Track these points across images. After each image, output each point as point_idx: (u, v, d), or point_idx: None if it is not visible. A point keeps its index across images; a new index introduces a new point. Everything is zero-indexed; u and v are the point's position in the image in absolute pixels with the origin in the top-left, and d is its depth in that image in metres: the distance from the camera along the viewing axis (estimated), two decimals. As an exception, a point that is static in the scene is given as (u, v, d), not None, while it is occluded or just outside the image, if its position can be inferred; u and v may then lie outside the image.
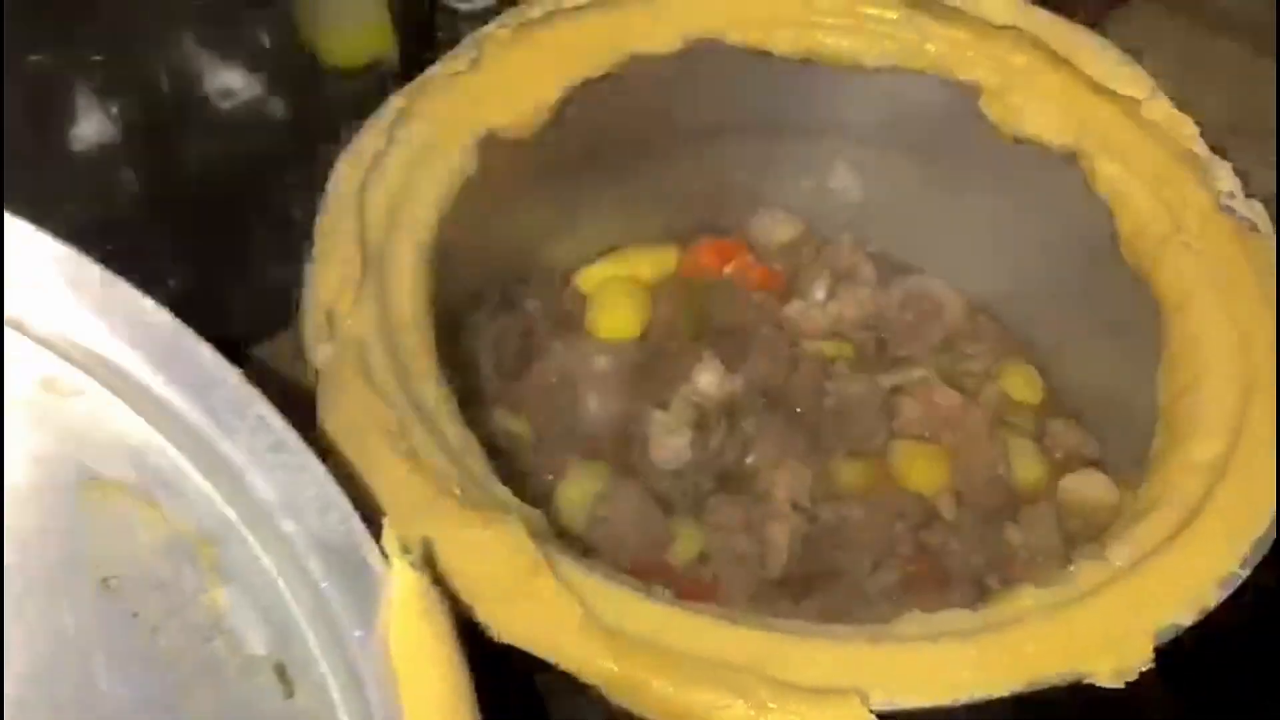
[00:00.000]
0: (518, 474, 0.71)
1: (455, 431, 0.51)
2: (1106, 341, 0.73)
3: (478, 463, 0.50)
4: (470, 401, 0.74)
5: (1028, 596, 0.48)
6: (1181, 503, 0.51)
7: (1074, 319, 0.76)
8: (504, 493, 0.49)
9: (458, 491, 0.46)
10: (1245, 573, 0.46)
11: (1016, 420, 0.76)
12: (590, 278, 0.85)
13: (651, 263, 0.85)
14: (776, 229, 0.85)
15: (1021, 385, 0.78)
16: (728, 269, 0.82)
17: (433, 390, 0.52)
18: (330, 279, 0.54)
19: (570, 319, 0.81)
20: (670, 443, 0.69)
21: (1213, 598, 0.46)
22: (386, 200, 0.60)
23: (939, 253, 0.83)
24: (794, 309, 0.80)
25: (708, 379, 0.69)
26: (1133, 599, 0.46)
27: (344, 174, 0.60)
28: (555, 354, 0.76)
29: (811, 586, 0.66)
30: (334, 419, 0.49)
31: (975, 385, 0.77)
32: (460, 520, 0.44)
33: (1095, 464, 0.74)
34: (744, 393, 0.71)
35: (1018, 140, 0.70)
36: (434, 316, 0.65)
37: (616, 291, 0.81)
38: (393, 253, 0.58)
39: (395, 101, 0.64)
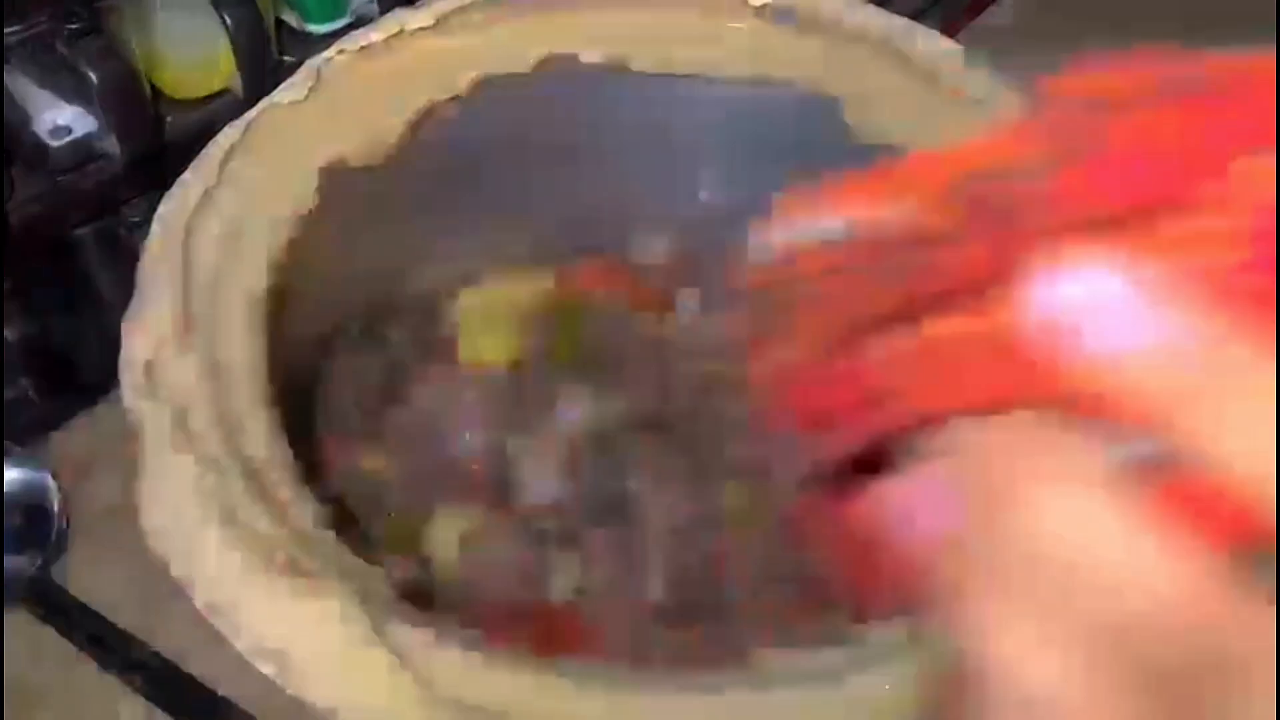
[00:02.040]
0: (383, 517, 0.68)
1: (289, 491, 0.48)
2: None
3: (312, 523, 0.47)
4: (330, 443, 0.72)
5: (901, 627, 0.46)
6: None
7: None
8: (342, 555, 0.46)
9: (283, 559, 0.42)
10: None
11: (897, 431, 0.75)
12: (459, 303, 0.82)
13: (526, 286, 0.83)
14: (651, 247, 0.83)
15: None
16: (603, 290, 0.79)
17: (265, 447, 0.49)
18: (149, 330, 0.50)
19: (440, 348, 0.78)
20: (541, 476, 0.66)
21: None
22: (217, 241, 0.56)
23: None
24: (671, 329, 0.78)
25: (575, 408, 0.67)
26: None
27: (169, 214, 0.56)
28: (423, 387, 0.73)
29: (693, 615, 0.65)
30: (151, 484, 0.45)
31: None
32: (285, 591, 0.41)
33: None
34: (619, 419, 0.69)
35: (886, 149, 0.69)
36: (279, 360, 0.62)
37: (489, 317, 0.78)
38: (224, 297, 0.54)
39: (227, 135, 0.61)
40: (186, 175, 0.58)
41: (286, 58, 0.79)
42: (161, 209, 0.56)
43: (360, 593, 0.43)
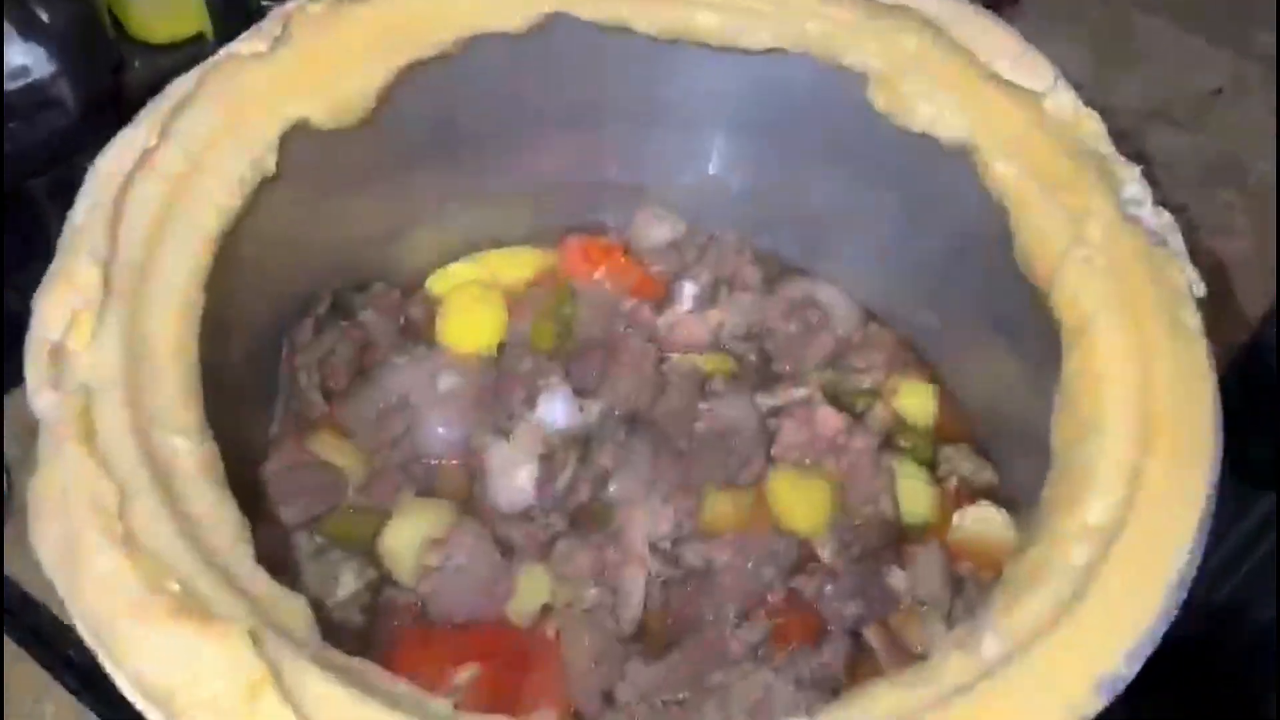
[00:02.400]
0: (342, 513, 0.63)
1: (207, 499, 0.42)
2: (1007, 355, 0.66)
3: (231, 540, 0.41)
4: (287, 430, 0.67)
5: (884, 696, 0.40)
6: (1066, 576, 0.43)
7: (973, 329, 0.68)
8: (256, 579, 0.40)
9: (176, 587, 0.37)
10: (1130, 673, 0.39)
11: (908, 444, 0.68)
12: (443, 281, 0.75)
13: (514, 265, 0.76)
14: (655, 227, 0.76)
15: (915, 404, 0.70)
16: (598, 273, 0.73)
17: (186, 447, 0.43)
18: (61, 305, 0.45)
19: (416, 330, 0.72)
20: (512, 479, 0.60)
21: (1091, 705, 0.38)
22: (154, 206, 0.50)
23: (829, 253, 0.75)
24: (668, 318, 0.72)
25: (554, 407, 0.61)
26: (1001, 704, 0.39)
27: (102, 174, 0.50)
28: (395, 370, 0.67)
29: (668, 643, 0.59)
30: (42, 488, 0.40)
31: (865, 404, 0.70)
32: (170, 626, 0.36)
33: (992, 493, 0.67)
34: (602, 419, 0.63)
35: (908, 131, 0.62)
36: (226, 342, 0.57)
37: (472, 297, 0.72)
38: (156, 271, 0.49)
39: (178, 86, 0.55)
40: (127, 130, 0.52)
41: (268, 3, 0.73)
42: (95, 166, 0.51)
43: (267, 628, 0.37)
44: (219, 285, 0.54)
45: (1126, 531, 0.44)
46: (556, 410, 0.61)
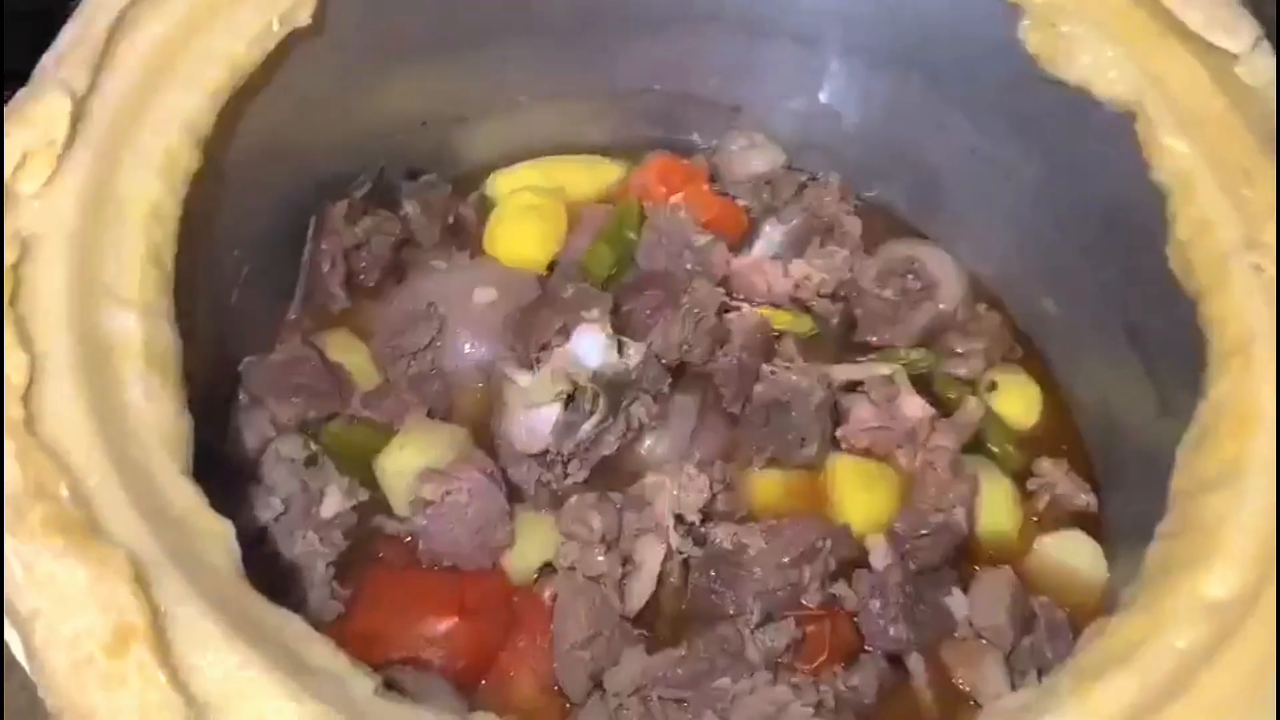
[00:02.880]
0: (343, 423, 0.56)
1: (147, 388, 0.36)
2: (1134, 367, 0.56)
3: (159, 438, 0.35)
4: (302, 323, 0.60)
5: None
6: (1165, 660, 0.34)
7: (1098, 328, 0.58)
8: (178, 490, 0.34)
9: (64, 493, 0.30)
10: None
11: (998, 449, 0.59)
12: (503, 182, 0.68)
13: (584, 175, 0.68)
14: (749, 155, 0.67)
15: (1016, 404, 0.60)
16: (675, 198, 0.64)
17: (136, 323, 0.37)
18: (15, 141, 0.38)
19: (463, 232, 0.65)
20: (530, 417, 0.53)
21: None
22: (153, 49, 0.43)
23: (946, 214, 0.64)
24: (746, 262, 0.63)
25: (588, 342, 0.53)
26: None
27: (96, 3, 0.43)
28: (431, 275, 0.60)
29: (674, 635, 0.51)
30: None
31: (956, 395, 0.60)
32: (42, 540, 0.29)
33: (1087, 521, 0.57)
34: (644, 365, 0.55)
35: (1060, 83, 0.51)
36: (230, 217, 0.50)
37: (529, 205, 0.64)
38: (145, 122, 0.42)
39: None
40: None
41: None
42: (95, -10, 0.44)
43: (167, 560, 0.31)
44: (226, 150, 0.48)
45: (1252, 620, 0.34)
46: (590, 346, 0.52)
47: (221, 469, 0.50)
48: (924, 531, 0.54)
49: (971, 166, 0.61)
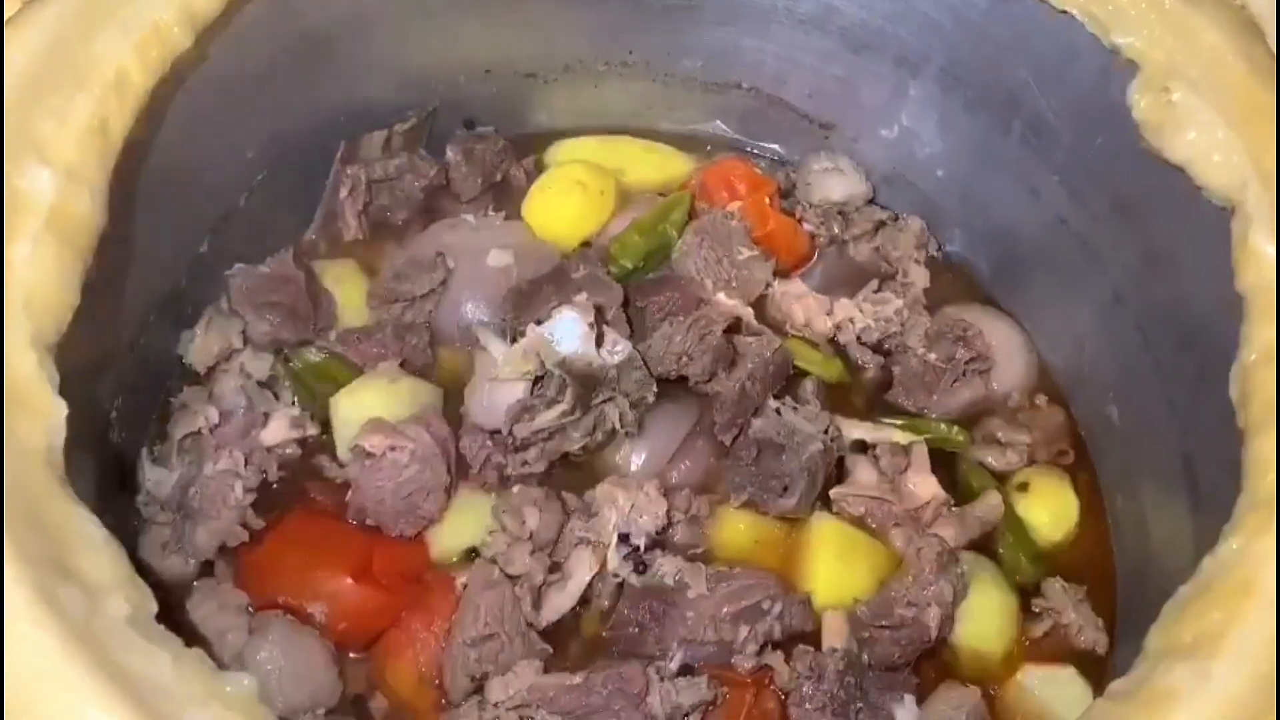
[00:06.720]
0: (315, 353, 0.53)
1: (42, 245, 0.34)
2: (1181, 496, 0.48)
3: (30, 297, 0.33)
4: (308, 245, 0.58)
5: None
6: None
7: (1157, 445, 0.50)
8: (22, 359, 0.32)
9: None
10: None
11: (1009, 555, 0.51)
12: (563, 152, 0.64)
13: (648, 161, 0.62)
14: (832, 180, 0.61)
15: (1046, 511, 0.53)
16: (734, 205, 0.59)
17: (54, 178, 0.36)
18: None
19: (508, 194, 0.61)
20: (491, 391, 0.49)
21: None
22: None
23: (1026, 287, 0.57)
24: (789, 288, 0.58)
25: (564, 327, 0.48)
26: None
27: None
28: (455, 227, 0.57)
29: (585, 660, 0.47)
30: None
31: (980, 485, 0.53)
32: None
33: (1089, 660, 0.49)
34: (625, 366, 0.50)
35: (1161, 159, 0.44)
36: (244, 119, 0.48)
37: (576, 180, 0.59)
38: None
39: None
40: None
41: None
42: None
43: None
44: (254, 42, 0.46)
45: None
46: (566, 331, 0.48)
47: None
48: (885, 623, 0.48)
49: (1059, 239, 0.54)
